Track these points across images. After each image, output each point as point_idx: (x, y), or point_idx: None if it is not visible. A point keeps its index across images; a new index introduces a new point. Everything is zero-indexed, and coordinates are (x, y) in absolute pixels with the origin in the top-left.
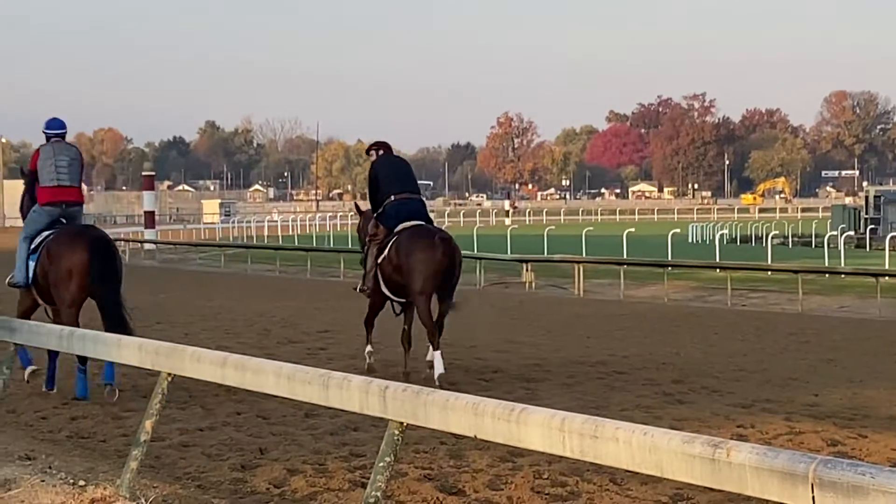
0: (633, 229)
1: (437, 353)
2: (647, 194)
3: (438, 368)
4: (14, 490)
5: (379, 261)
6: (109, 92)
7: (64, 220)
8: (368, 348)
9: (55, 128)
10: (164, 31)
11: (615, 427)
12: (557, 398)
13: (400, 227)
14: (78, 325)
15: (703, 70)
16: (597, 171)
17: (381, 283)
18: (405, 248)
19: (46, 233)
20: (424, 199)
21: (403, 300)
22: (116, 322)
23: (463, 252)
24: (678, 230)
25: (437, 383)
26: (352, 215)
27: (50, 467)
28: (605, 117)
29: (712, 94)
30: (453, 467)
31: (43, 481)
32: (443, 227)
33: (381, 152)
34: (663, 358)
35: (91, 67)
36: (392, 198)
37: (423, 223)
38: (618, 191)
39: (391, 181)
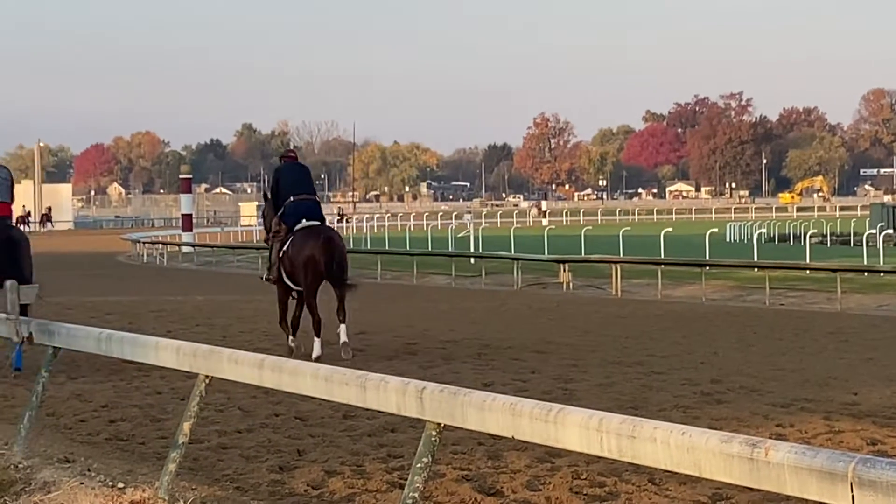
0: (670, 229)
1: (344, 326)
2: (684, 194)
3: (343, 337)
4: (54, 492)
5: (280, 255)
6: (147, 96)
7: None
8: (292, 339)
9: None
10: (201, 35)
11: (653, 427)
12: (595, 398)
13: (298, 226)
14: None
15: (740, 69)
16: (634, 171)
17: (283, 274)
18: (298, 245)
19: None
20: (318, 199)
21: (300, 289)
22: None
23: (500, 253)
24: (716, 230)
25: (342, 353)
26: (388, 217)
27: (89, 469)
28: (642, 117)
29: (749, 93)
30: (491, 468)
31: (82, 483)
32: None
33: (285, 160)
34: (701, 357)
35: (129, 72)
36: (291, 199)
37: (317, 223)
38: (655, 190)
39: (291, 184)
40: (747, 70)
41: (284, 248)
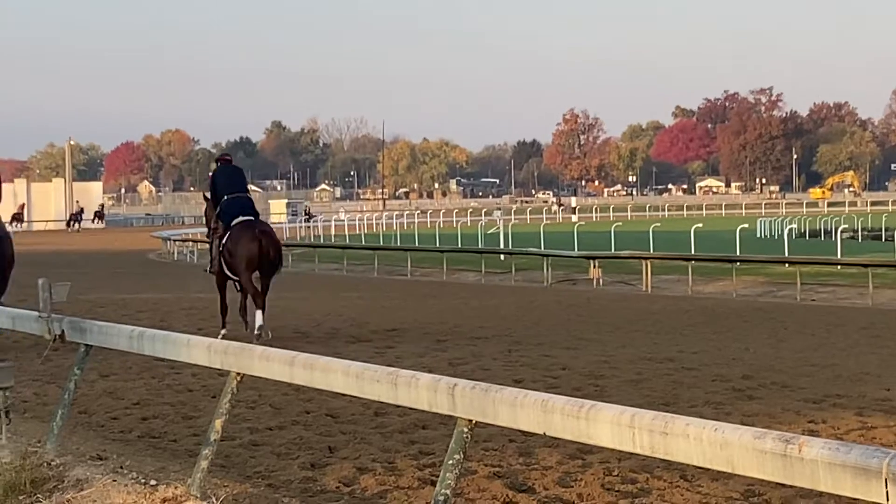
0: (700, 225)
1: (259, 311)
2: (714, 189)
3: (259, 321)
4: (86, 490)
5: (221, 249)
6: (177, 94)
7: None
8: (223, 332)
9: None
10: (230, 34)
11: (685, 423)
12: (625, 395)
13: (234, 222)
14: None
15: (770, 64)
16: (663, 167)
17: (223, 266)
18: (236, 239)
19: None
20: (252, 197)
21: (238, 279)
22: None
23: (529, 249)
24: (746, 225)
25: (256, 332)
26: (418, 214)
27: (121, 467)
28: (672, 112)
29: (779, 88)
30: (522, 465)
31: (115, 481)
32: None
33: (221, 163)
34: (732, 354)
35: (158, 70)
36: (226, 197)
37: (252, 219)
38: (685, 186)
39: (226, 185)
40: (777, 65)
41: (224, 242)
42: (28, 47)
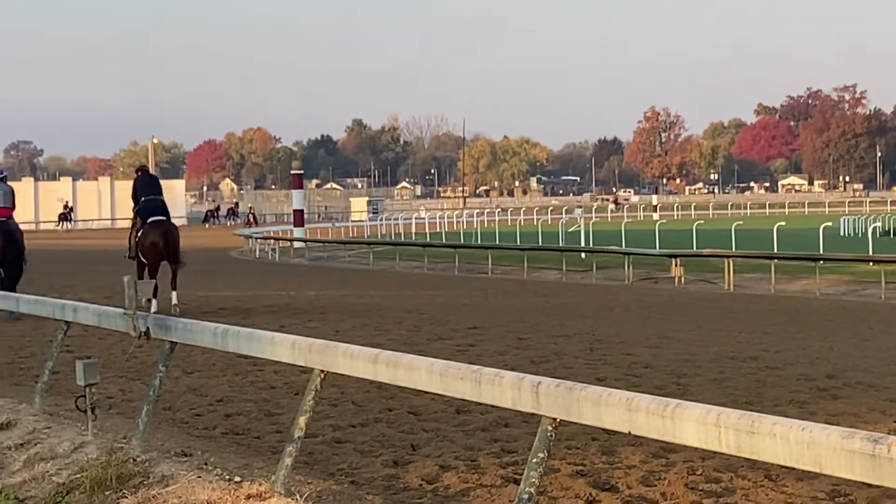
0: (783, 223)
1: (174, 292)
2: (796, 188)
3: (174, 300)
4: (171, 486)
5: (136, 240)
6: (258, 93)
7: None
8: (144, 302)
9: None
10: (313, 34)
11: (772, 422)
12: (709, 394)
13: (149, 220)
14: None
15: (854, 61)
16: (745, 165)
17: (139, 254)
18: (146, 234)
19: None
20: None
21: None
22: (14, 276)
23: (611, 247)
24: (829, 223)
25: (174, 306)
26: (498, 212)
27: (206, 463)
28: (754, 110)
29: (863, 86)
30: (606, 463)
31: (199, 477)
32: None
33: (140, 173)
34: (816, 353)
35: (240, 69)
36: (143, 199)
37: (162, 218)
38: (767, 184)
39: (144, 189)
40: (861, 62)
41: (138, 235)
42: (114, 48)
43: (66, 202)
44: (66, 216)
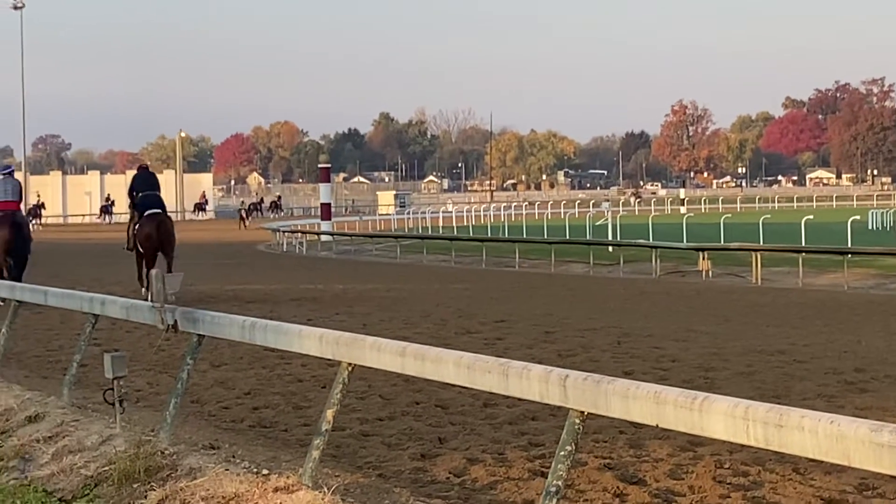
0: (811, 216)
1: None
2: (824, 181)
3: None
4: (199, 478)
5: (134, 232)
6: (286, 86)
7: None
8: (143, 291)
9: (3, 170)
10: (339, 27)
11: (801, 416)
12: (736, 387)
13: (145, 213)
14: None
15: (882, 54)
16: (773, 158)
17: (137, 245)
18: (142, 226)
19: None
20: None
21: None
22: (21, 264)
23: (638, 241)
24: (857, 217)
25: (170, 298)
26: (525, 206)
27: (234, 456)
28: (782, 103)
29: (892, 79)
30: (633, 457)
31: (227, 469)
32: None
33: (139, 169)
34: (844, 346)
35: (268, 64)
36: (140, 194)
37: (158, 211)
38: (794, 178)
39: (141, 185)
40: (889, 55)
41: (136, 227)
42: (143, 42)
43: (108, 195)
44: (107, 209)
